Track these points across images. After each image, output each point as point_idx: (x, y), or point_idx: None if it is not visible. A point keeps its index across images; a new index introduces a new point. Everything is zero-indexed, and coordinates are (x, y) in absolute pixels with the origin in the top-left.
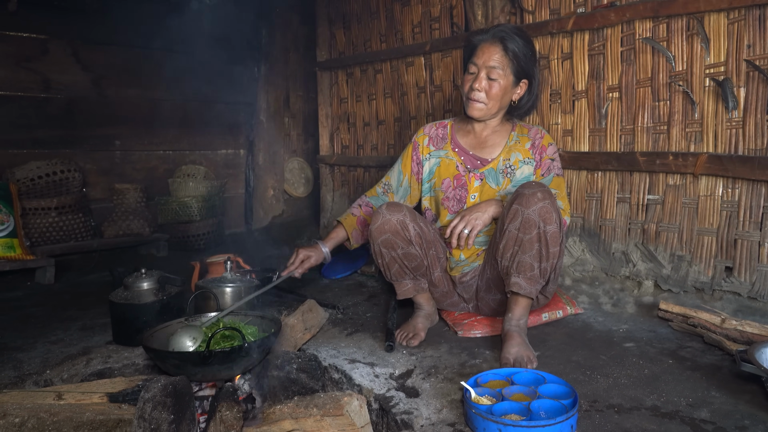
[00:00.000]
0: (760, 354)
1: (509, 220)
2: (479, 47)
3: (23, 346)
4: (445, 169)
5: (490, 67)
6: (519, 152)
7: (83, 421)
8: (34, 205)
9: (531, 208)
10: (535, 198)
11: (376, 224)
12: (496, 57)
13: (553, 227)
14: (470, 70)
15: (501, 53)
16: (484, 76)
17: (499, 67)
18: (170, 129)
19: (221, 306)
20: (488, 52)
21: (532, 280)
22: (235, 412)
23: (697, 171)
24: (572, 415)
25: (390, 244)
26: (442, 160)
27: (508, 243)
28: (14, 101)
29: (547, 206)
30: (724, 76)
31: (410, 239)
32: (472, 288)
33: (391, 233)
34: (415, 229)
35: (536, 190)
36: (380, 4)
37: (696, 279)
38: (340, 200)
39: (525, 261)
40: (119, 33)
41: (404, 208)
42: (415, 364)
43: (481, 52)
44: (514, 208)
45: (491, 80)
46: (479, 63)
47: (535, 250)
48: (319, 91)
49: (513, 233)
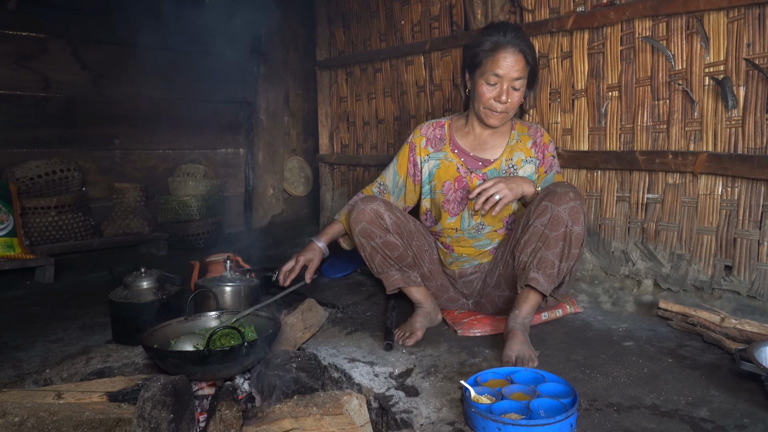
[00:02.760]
0: (760, 353)
1: (536, 216)
2: (499, 56)
3: (23, 345)
4: (444, 172)
5: (514, 78)
6: (521, 151)
7: (83, 420)
8: (33, 204)
9: (562, 206)
10: (567, 197)
11: (353, 216)
12: (519, 68)
13: (579, 228)
14: (490, 81)
15: (523, 63)
16: (507, 88)
17: (522, 77)
18: (170, 128)
19: (221, 305)
20: (512, 63)
21: (551, 278)
22: (235, 411)
23: (697, 170)
24: (572, 414)
25: (367, 234)
26: (442, 162)
27: (532, 238)
28: (13, 100)
29: (578, 207)
30: (723, 75)
31: (387, 227)
32: (474, 284)
33: (366, 222)
34: (391, 218)
35: (569, 189)
36: (380, 3)
37: (695, 278)
38: (340, 199)
39: (547, 258)
40: (119, 32)
41: (378, 199)
42: (415, 363)
43: (504, 63)
44: (544, 205)
45: (514, 90)
46: (501, 74)
47: (559, 248)
48: (319, 90)
49: (539, 229)
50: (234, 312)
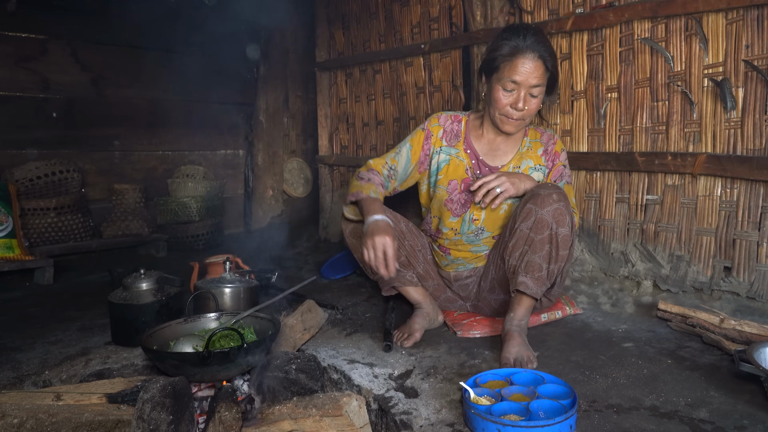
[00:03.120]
0: (759, 354)
1: (521, 219)
2: (518, 62)
3: (22, 346)
4: (453, 170)
5: (532, 86)
6: (530, 159)
7: (82, 421)
8: (33, 205)
9: (545, 209)
10: (550, 199)
11: (343, 218)
12: (538, 74)
13: (565, 230)
14: (507, 87)
15: (542, 69)
16: (525, 95)
17: (541, 84)
18: (169, 129)
19: (220, 307)
20: (530, 69)
21: (539, 280)
22: (234, 412)
23: (696, 171)
24: (571, 415)
25: (358, 234)
26: (452, 160)
27: (518, 242)
28: (13, 101)
29: (562, 208)
30: (722, 77)
31: None
32: (469, 287)
33: (356, 223)
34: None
35: (552, 191)
36: (379, 5)
37: (695, 279)
38: (340, 201)
39: (534, 261)
40: (118, 33)
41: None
42: (414, 365)
43: (522, 69)
44: (528, 208)
45: (531, 97)
46: (519, 80)
47: (546, 251)
48: (318, 92)
49: (524, 232)
50: (233, 313)
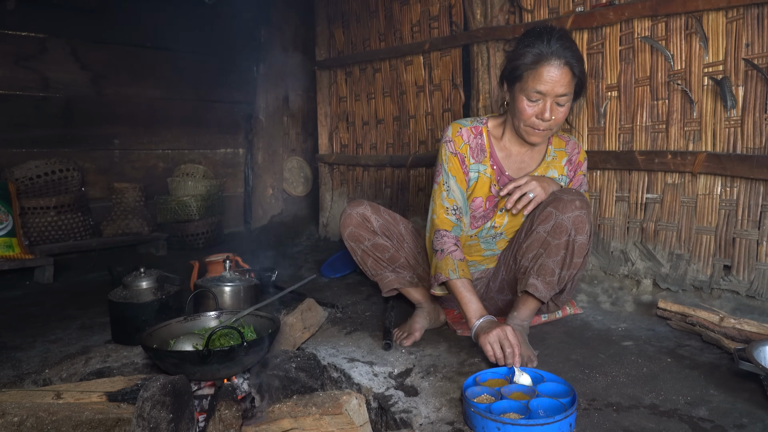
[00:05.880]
0: (759, 352)
1: (540, 222)
2: (542, 71)
3: (22, 345)
4: (480, 187)
5: (559, 95)
6: (555, 169)
7: (82, 420)
8: (32, 204)
9: (566, 215)
10: (573, 205)
11: (341, 221)
12: (565, 82)
13: (583, 238)
14: (532, 98)
15: (569, 77)
16: (551, 105)
17: (568, 92)
18: (169, 128)
19: (220, 305)
20: (557, 78)
21: (550, 285)
22: (234, 410)
23: (696, 170)
24: (571, 414)
25: (356, 237)
26: (480, 177)
27: (534, 243)
28: (13, 100)
29: (583, 216)
30: (722, 75)
31: (374, 230)
32: (477, 287)
33: (354, 226)
34: (378, 220)
35: (575, 197)
36: (379, 3)
37: (694, 277)
38: (339, 199)
39: (547, 265)
40: (118, 32)
41: (365, 203)
42: (414, 363)
43: (548, 77)
44: (549, 211)
45: (558, 107)
46: (545, 90)
47: (560, 256)
48: (318, 90)
49: (541, 235)
50: (233, 312)
